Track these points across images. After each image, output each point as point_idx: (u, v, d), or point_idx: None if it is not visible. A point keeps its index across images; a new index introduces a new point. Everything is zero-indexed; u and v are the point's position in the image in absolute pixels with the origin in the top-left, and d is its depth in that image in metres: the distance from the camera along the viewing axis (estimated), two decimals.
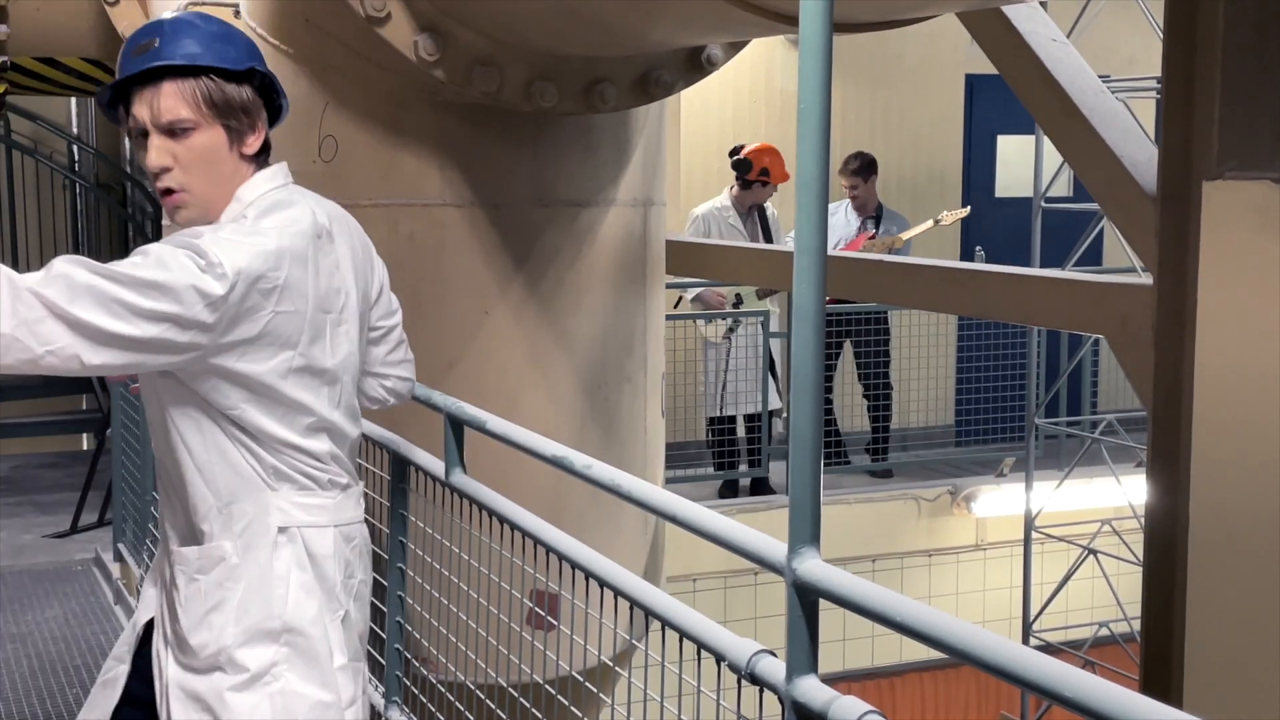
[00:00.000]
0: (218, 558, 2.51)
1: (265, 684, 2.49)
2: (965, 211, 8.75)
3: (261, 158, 2.57)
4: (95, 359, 2.25)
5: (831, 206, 8.79)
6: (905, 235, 8.55)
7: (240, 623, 2.49)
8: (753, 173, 8.29)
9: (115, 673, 2.70)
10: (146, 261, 2.30)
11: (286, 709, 2.49)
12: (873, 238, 8.60)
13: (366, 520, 3.75)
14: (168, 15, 2.56)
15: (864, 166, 8.70)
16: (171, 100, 2.43)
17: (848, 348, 8.98)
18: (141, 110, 2.44)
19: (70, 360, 2.23)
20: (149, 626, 2.68)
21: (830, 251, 7.89)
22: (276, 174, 2.57)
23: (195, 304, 2.29)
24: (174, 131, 2.44)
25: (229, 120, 2.49)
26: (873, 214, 8.76)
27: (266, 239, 2.42)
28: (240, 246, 2.37)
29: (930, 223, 8.58)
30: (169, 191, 2.48)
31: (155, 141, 2.44)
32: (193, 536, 2.55)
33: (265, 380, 2.45)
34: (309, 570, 2.54)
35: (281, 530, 2.53)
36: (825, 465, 8.66)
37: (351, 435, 2.66)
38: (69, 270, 2.23)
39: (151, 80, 2.43)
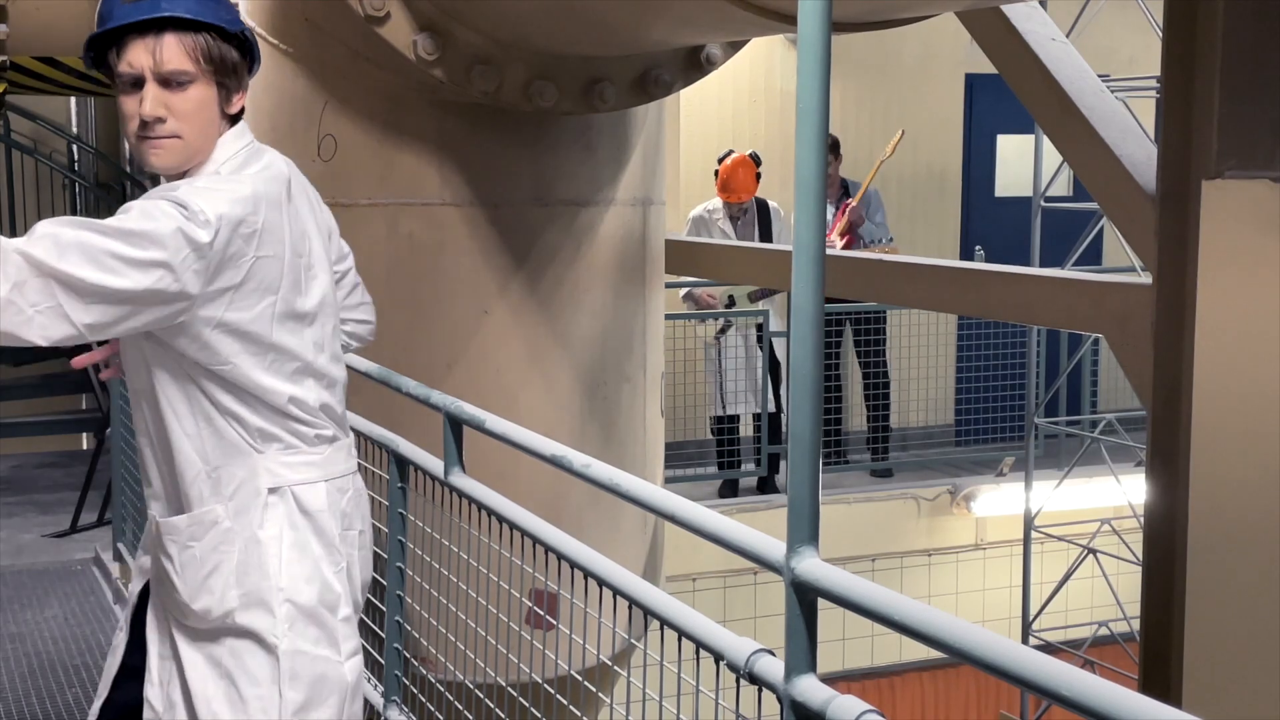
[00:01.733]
0: (210, 522, 2.52)
1: (272, 645, 2.53)
2: (899, 135, 8.64)
3: (236, 118, 2.58)
4: (86, 317, 2.23)
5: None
6: (862, 190, 8.52)
7: (241, 585, 2.52)
8: (717, 176, 8.35)
9: (117, 639, 2.76)
10: (129, 215, 2.30)
11: (292, 669, 2.53)
12: (846, 204, 8.53)
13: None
14: None
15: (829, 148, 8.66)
16: (174, 51, 2.43)
17: (848, 335, 8.96)
18: (140, 57, 2.42)
19: (60, 320, 2.21)
20: (143, 595, 2.70)
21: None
22: (244, 132, 2.59)
23: (182, 249, 2.29)
24: (170, 83, 2.44)
25: (223, 78, 2.50)
26: (839, 193, 8.74)
27: (242, 185, 2.44)
28: (218, 193, 2.38)
29: (877, 163, 8.54)
30: (152, 137, 2.45)
31: (151, 91, 2.43)
32: (181, 504, 2.56)
33: (252, 328, 2.46)
34: (303, 528, 2.56)
35: (272, 491, 2.54)
36: (827, 464, 8.67)
37: (338, 379, 2.68)
38: (54, 229, 2.22)
39: (152, 29, 2.43)
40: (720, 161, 8.38)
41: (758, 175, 8.35)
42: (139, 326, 2.36)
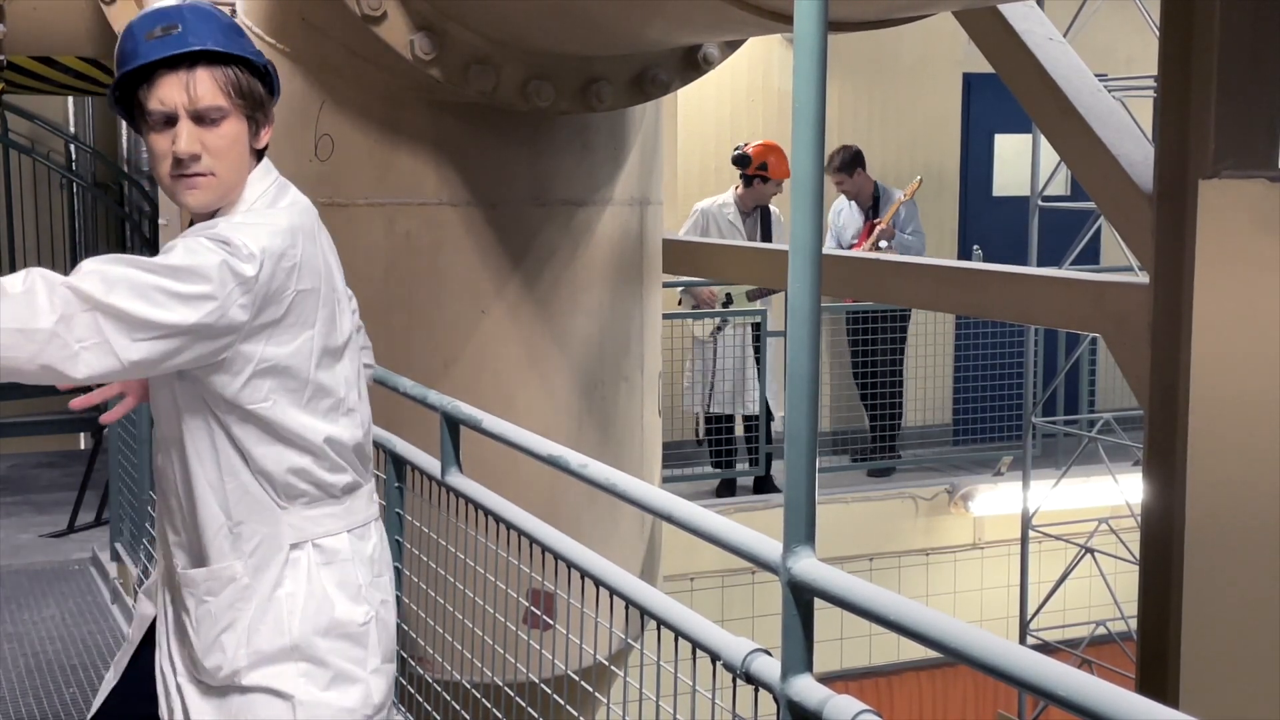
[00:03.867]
0: (228, 579, 2.46)
1: (287, 697, 2.46)
2: (917, 181, 8.79)
3: (261, 153, 2.55)
4: (132, 353, 2.21)
5: (840, 204, 8.86)
6: (886, 218, 8.60)
7: (251, 644, 2.45)
8: (750, 167, 8.29)
9: (108, 678, 2.69)
10: (174, 253, 2.28)
11: (311, 718, 2.46)
12: (874, 224, 8.65)
13: None
14: (176, 2, 2.48)
15: (846, 163, 8.72)
16: (207, 86, 2.38)
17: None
18: (173, 94, 2.37)
19: (106, 356, 2.19)
20: (145, 643, 2.64)
21: (843, 249, 7.98)
22: (270, 168, 2.56)
23: (228, 283, 2.27)
24: (204, 119, 2.39)
25: (253, 112, 2.46)
26: (871, 202, 8.80)
27: (279, 218, 2.42)
28: (258, 228, 2.36)
29: (898, 197, 8.65)
30: (188, 175, 2.40)
31: (186, 128, 2.38)
32: (200, 557, 2.49)
33: (292, 362, 2.42)
34: (325, 581, 2.50)
35: (294, 546, 2.48)
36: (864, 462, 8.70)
37: (368, 416, 2.63)
38: (101, 266, 2.21)
39: (183, 64, 2.38)
40: (744, 164, 8.33)
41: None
42: (183, 364, 2.32)
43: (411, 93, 4.35)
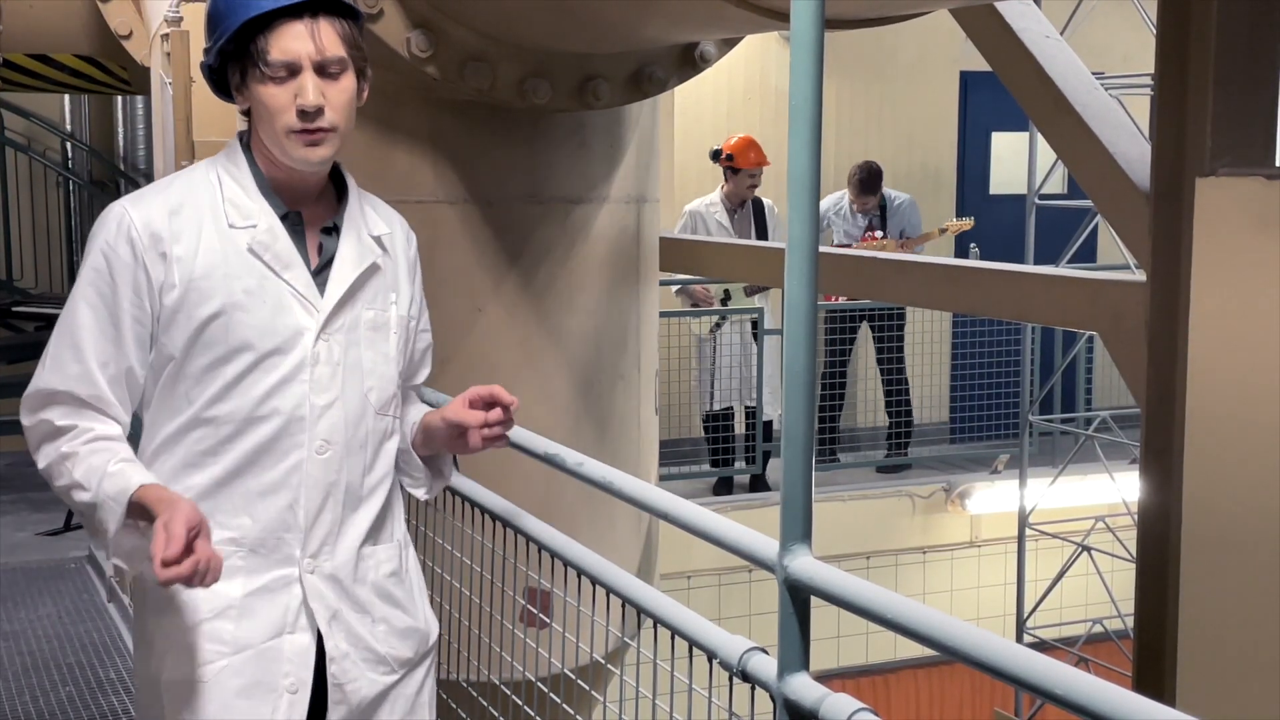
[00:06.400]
0: (404, 545, 2.55)
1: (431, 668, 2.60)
2: (969, 223, 8.81)
3: None
4: None
5: (833, 199, 8.84)
6: (912, 244, 8.66)
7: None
8: (720, 159, 8.33)
9: None
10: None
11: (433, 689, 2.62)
12: (879, 237, 8.65)
13: None
14: None
15: (864, 181, 8.73)
16: (331, 37, 2.26)
17: (865, 333, 9.03)
18: (299, 44, 2.24)
19: None
20: None
21: (832, 249, 8.00)
22: None
23: None
24: (324, 71, 2.27)
25: (364, 67, 2.34)
26: (877, 210, 8.82)
27: None
28: None
29: (935, 231, 8.68)
30: (312, 130, 2.28)
31: (312, 80, 2.25)
32: (376, 537, 2.46)
33: None
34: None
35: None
36: (823, 462, 8.68)
37: None
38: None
39: (306, 13, 2.26)
40: (716, 157, 8.36)
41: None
42: None
43: (408, 90, 4.35)
